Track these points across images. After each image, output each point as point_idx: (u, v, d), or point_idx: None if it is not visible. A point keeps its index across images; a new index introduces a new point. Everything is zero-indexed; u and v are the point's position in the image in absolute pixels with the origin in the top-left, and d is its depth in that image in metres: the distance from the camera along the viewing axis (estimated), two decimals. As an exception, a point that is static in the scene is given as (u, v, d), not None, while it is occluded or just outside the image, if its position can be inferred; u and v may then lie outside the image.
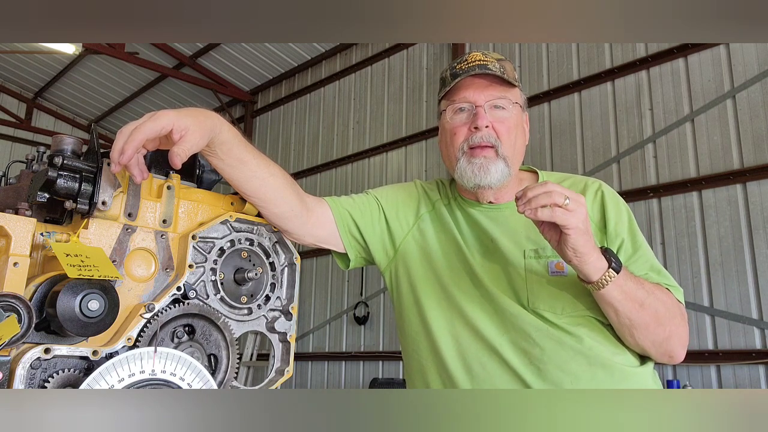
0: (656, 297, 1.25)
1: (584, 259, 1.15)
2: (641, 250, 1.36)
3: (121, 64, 10.05)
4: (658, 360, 1.33)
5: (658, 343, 1.27)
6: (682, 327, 1.29)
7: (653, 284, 1.28)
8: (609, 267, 1.17)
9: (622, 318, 1.24)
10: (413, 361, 1.46)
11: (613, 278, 1.17)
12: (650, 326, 1.25)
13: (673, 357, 1.30)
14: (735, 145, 5.19)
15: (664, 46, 5.69)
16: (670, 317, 1.26)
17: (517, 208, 1.14)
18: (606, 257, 1.18)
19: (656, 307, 1.24)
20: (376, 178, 8.18)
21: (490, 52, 1.45)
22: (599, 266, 1.17)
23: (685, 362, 5.26)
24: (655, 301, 1.24)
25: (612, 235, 1.36)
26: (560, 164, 6.25)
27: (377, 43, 8.44)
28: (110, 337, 1.09)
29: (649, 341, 1.27)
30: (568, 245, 1.13)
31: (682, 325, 1.29)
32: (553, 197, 1.10)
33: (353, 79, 8.85)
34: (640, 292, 1.22)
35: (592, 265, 1.16)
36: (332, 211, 1.43)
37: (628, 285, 1.20)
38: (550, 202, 1.10)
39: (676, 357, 1.30)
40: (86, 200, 1.11)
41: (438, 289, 1.42)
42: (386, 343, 7.47)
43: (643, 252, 1.36)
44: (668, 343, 1.28)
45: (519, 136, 1.44)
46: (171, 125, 1.05)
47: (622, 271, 1.19)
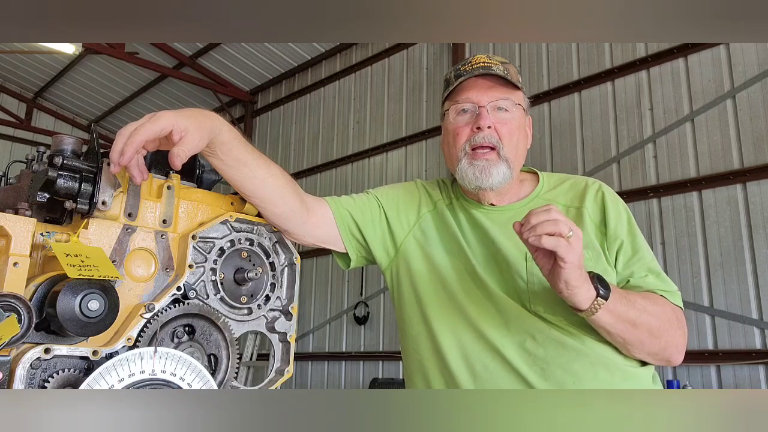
0: (649, 313, 1.24)
1: (574, 292, 1.14)
2: (641, 252, 1.36)
3: (121, 64, 10.05)
4: (655, 364, 1.35)
5: (653, 354, 1.29)
6: (679, 335, 1.30)
7: (646, 298, 1.27)
8: (597, 296, 1.16)
9: (616, 338, 1.25)
10: (414, 361, 1.46)
11: (602, 305, 1.17)
12: (645, 341, 1.26)
13: (671, 362, 1.32)
14: (735, 145, 5.19)
15: (664, 46, 5.69)
16: (665, 329, 1.27)
17: (521, 234, 1.13)
18: (594, 285, 1.17)
19: (650, 323, 1.24)
20: (376, 178, 8.18)
21: (494, 56, 1.46)
22: (588, 296, 1.16)
23: (685, 362, 5.22)
24: (649, 318, 1.24)
25: (611, 237, 1.36)
26: (560, 164, 6.25)
27: (377, 43, 8.44)
28: (110, 337, 1.09)
29: (644, 353, 1.29)
30: (561, 278, 1.12)
31: (679, 334, 1.30)
32: (560, 227, 1.09)
33: (353, 79, 8.85)
34: (631, 313, 1.22)
35: (582, 296, 1.16)
36: (332, 210, 1.43)
37: (618, 309, 1.20)
38: (556, 232, 1.09)
39: (673, 362, 1.32)
40: (86, 200, 1.10)
41: (440, 289, 1.42)
42: (386, 343, 7.47)
43: (642, 254, 1.36)
44: (664, 353, 1.29)
45: (521, 139, 1.44)
46: (171, 126, 1.06)
47: (612, 296, 1.18)
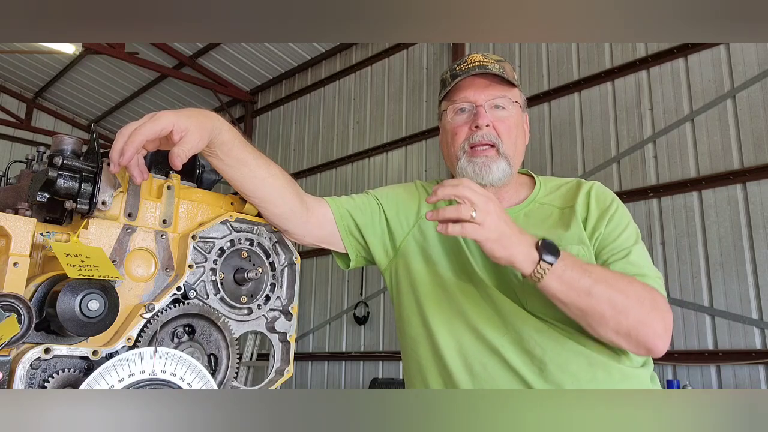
0: (609, 284, 1.18)
1: (511, 260, 1.13)
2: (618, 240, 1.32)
3: (121, 64, 10.05)
4: (637, 353, 1.26)
5: (624, 333, 1.19)
6: (654, 317, 1.20)
7: (608, 272, 1.23)
8: (540, 259, 1.14)
9: (572, 309, 1.19)
10: (413, 361, 1.46)
11: (547, 270, 1.14)
12: (606, 315, 1.18)
13: (651, 349, 1.21)
14: (735, 145, 5.19)
15: (664, 46, 5.69)
16: (632, 306, 1.19)
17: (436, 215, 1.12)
18: (538, 249, 1.14)
19: (609, 294, 1.17)
20: (376, 178, 8.18)
21: (489, 54, 1.46)
22: (530, 260, 1.14)
23: (685, 362, 5.28)
24: (608, 289, 1.18)
25: (590, 232, 1.34)
26: (560, 164, 6.25)
27: (377, 43, 8.44)
28: (110, 337, 1.09)
29: (611, 331, 1.19)
30: (486, 253, 1.13)
31: (654, 315, 1.21)
32: (461, 212, 1.09)
33: (353, 79, 8.85)
34: (584, 281, 1.16)
35: (521, 262, 1.14)
36: (332, 211, 1.43)
37: (567, 274, 1.15)
38: (459, 217, 1.09)
39: (654, 349, 1.21)
40: (86, 200, 1.10)
41: (439, 289, 1.42)
42: (386, 343, 7.47)
43: (619, 242, 1.32)
44: (637, 334, 1.19)
45: (519, 136, 1.44)
46: (171, 126, 1.06)
47: (560, 262, 1.14)
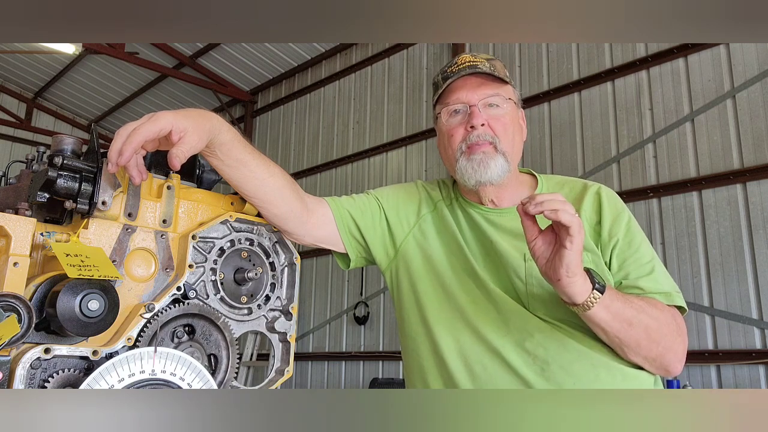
0: (647, 314, 1.22)
1: (573, 280, 1.13)
2: (638, 252, 1.34)
3: (121, 64, 10.05)
4: (656, 373, 1.31)
5: (651, 359, 1.25)
6: (678, 342, 1.27)
7: (644, 300, 1.25)
8: (593, 288, 1.15)
9: (612, 337, 1.22)
10: (413, 361, 1.46)
11: (598, 299, 1.15)
12: (642, 344, 1.23)
13: (669, 370, 1.28)
14: (735, 145, 5.19)
15: (664, 46, 5.68)
16: (663, 334, 1.24)
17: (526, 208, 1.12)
18: (590, 278, 1.16)
19: (647, 324, 1.21)
20: (376, 178, 8.18)
21: (479, 53, 1.46)
22: (585, 289, 1.15)
23: (685, 362, 5.23)
24: (646, 318, 1.21)
25: (606, 238, 1.35)
26: (560, 164, 6.25)
27: (377, 43, 8.44)
28: (110, 337, 1.09)
29: (641, 358, 1.25)
30: (564, 262, 1.11)
31: (679, 341, 1.27)
32: (567, 206, 1.10)
33: (353, 79, 8.84)
34: (628, 311, 1.19)
35: (579, 287, 1.14)
36: (332, 211, 1.43)
37: (614, 305, 1.18)
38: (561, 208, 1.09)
39: (672, 371, 1.28)
40: (86, 200, 1.11)
41: (439, 289, 1.42)
42: (386, 343, 7.47)
43: (640, 255, 1.33)
44: (663, 359, 1.25)
45: (516, 132, 1.44)
46: (170, 126, 1.06)
47: (607, 292, 1.17)
